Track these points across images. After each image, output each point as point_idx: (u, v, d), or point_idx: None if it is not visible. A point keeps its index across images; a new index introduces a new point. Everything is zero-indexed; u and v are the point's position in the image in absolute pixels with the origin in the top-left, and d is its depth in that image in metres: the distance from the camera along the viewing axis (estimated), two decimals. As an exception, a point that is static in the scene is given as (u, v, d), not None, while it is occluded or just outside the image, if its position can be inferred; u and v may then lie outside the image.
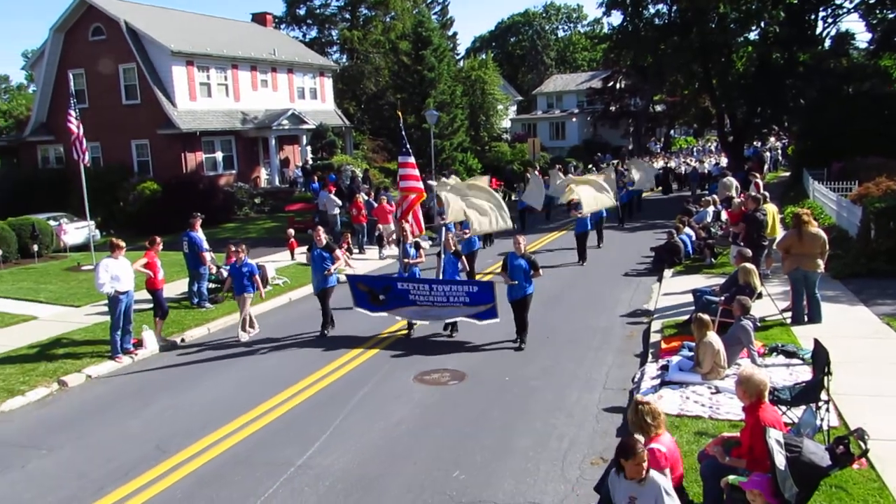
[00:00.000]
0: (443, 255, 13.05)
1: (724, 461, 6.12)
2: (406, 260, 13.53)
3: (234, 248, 15.64)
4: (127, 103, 33.17)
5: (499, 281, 12.35)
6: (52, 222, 25.34)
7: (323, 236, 13.63)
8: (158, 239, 14.03)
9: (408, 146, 14.23)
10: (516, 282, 11.86)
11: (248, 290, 13.45)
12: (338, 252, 13.83)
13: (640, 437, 5.89)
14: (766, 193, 17.35)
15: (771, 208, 15.63)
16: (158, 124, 31.92)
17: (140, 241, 26.12)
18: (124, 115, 32.84)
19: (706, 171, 39.18)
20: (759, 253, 13.97)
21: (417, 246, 13.86)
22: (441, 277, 12.89)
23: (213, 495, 7.41)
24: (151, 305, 13.74)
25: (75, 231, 25.55)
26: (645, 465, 5.37)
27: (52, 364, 11.96)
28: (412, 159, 14.12)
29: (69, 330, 14.23)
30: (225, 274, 16.56)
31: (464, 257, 13.42)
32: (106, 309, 13.74)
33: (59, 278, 19.70)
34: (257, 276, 13.67)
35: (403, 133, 14.41)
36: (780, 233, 15.33)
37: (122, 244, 12.61)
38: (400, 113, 16.30)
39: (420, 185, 14.07)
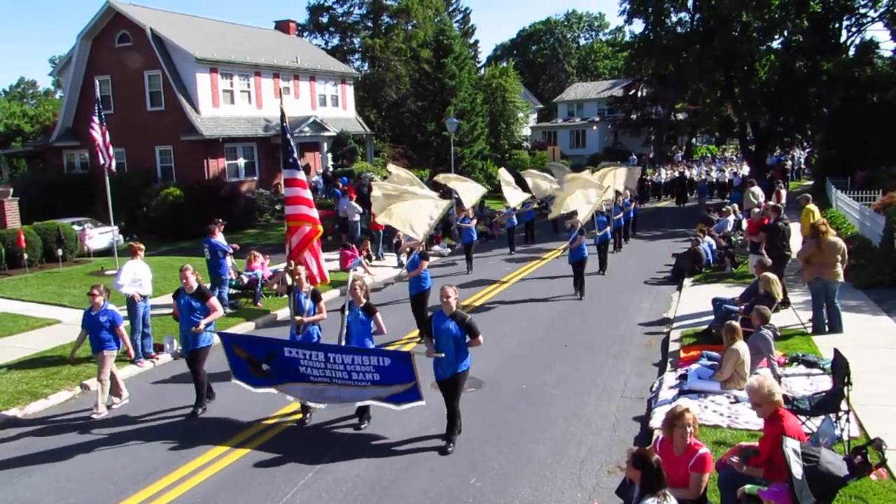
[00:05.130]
0: (346, 311, 9.29)
1: (742, 470, 6.11)
2: (298, 317, 9.75)
3: (255, 254, 15.77)
4: (151, 109, 33.54)
5: (420, 352, 8.76)
6: (76, 227, 25.61)
7: (192, 279, 10.12)
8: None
9: (295, 156, 10.30)
10: (443, 354, 8.34)
11: (111, 346, 10.36)
12: (213, 300, 10.22)
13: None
14: (781, 205, 17.22)
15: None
16: (182, 130, 32.24)
17: (163, 245, 26.66)
18: (149, 122, 33.20)
19: (727, 179, 38.92)
20: (784, 262, 13.83)
21: (316, 297, 9.92)
22: (343, 343, 9.23)
23: (232, 499, 7.48)
24: (172, 311, 13.82)
25: (99, 236, 25.82)
26: None
27: (75, 368, 12.07)
28: (302, 175, 10.31)
29: (92, 333, 14.38)
30: (246, 280, 16.71)
31: (378, 315, 9.35)
32: (124, 314, 13.90)
33: (82, 282, 19.92)
34: (121, 328, 10.49)
35: (290, 136, 10.37)
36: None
37: (142, 246, 12.92)
38: (283, 108, 10.54)
39: (314, 213, 10.24)
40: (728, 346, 9.45)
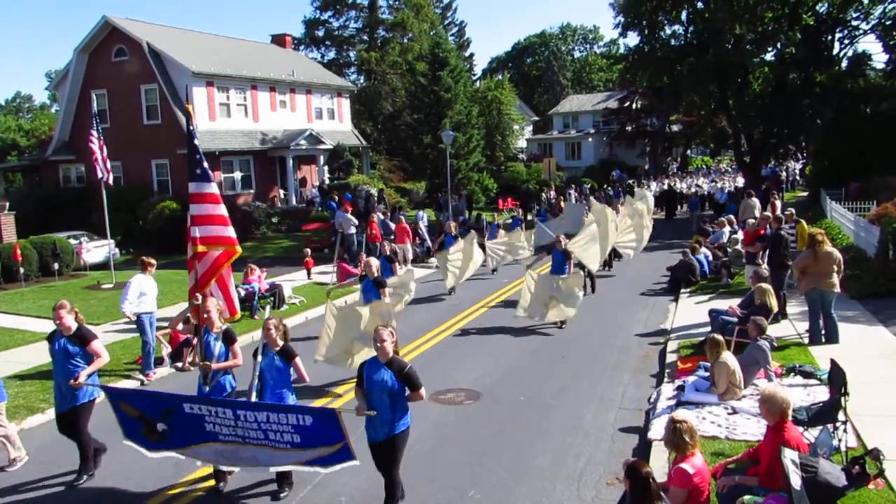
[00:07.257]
0: (259, 356, 7.60)
1: (735, 481, 6.15)
2: (205, 363, 7.84)
3: (252, 267, 15.72)
4: (148, 123, 33.62)
5: (348, 411, 6.88)
6: (72, 241, 25.58)
7: (69, 319, 8.25)
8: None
9: (205, 166, 8.17)
10: (374, 412, 6.77)
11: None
12: (95, 345, 8.33)
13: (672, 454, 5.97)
14: (782, 216, 17.28)
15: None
16: (178, 144, 32.20)
17: (159, 259, 26.49)
18: (145, 135, 33.28)
19: (716, 192, 38.92)
20: (785, 271, 13.84)
21: (229, 338, 8.05)
22: (255, 398, 7.51)
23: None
24: (168, 325, 13.82)
25: (95, 249, 25.81)
26: None
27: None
28: (214, 188, 8.16)
29: (89, 347, 14.34)
30: (243, 293, 16.65)
31: (297, 360, 7.69)
32: (124, 327, 13.94)
33: (79, 297, 19.89)
34: None
35: (197, 142, 8.21)
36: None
37: (153, 262, 12.89)
38: (190, 107, 8.76)
39: (231, 233, 8.10)
40: (715, 360, 9.48)
